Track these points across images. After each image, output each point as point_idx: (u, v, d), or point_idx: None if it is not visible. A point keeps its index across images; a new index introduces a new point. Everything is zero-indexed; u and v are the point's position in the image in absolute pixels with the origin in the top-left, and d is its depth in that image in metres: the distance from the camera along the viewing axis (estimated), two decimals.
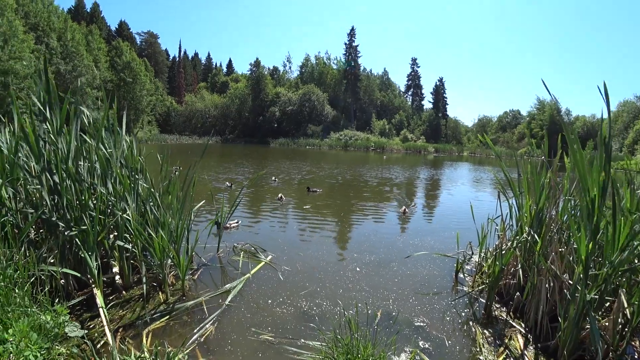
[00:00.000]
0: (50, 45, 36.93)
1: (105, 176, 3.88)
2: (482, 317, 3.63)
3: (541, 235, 3.50)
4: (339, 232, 6.65)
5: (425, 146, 50.41)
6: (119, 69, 46.24)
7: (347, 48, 60.70)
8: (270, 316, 3.45)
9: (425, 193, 13.10)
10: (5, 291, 2.53)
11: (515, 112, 63.24)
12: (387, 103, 63.93)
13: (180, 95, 66.23)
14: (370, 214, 8.26)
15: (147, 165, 4.55)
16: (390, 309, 3.69)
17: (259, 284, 4.17)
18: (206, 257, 4.90)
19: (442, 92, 62.63)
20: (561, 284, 3.14)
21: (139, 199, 4.11)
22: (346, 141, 49.44)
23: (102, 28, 57.15)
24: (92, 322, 3.23)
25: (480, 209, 4.67)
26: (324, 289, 4.11)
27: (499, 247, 3.85)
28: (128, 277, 3.95)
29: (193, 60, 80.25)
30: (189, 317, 3.41)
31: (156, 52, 68.77)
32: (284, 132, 53.95)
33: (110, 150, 4.00)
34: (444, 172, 21.64)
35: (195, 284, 4.19)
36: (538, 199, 3.69)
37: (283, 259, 4.98)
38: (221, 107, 60.31)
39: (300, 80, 62.26)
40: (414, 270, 4.79)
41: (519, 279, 3.71)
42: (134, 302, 3.66)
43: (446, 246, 5.85)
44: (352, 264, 4.96)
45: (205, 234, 5.22)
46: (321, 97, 55.64)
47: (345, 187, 12.67)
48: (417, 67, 66.93)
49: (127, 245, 3.81)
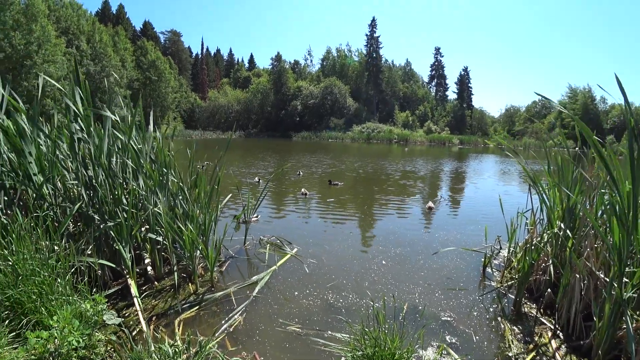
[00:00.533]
0: (80, 47, 38.55)
1: (137, 171, 4.03)
2: (510, 313, 3.55)
3: (574, 230, 3.38)
4: (364, 225, 6.64)
5: (449, 138, 49.29)
6: (144, 68, 47.69)
7: (369, 39, 59.93)
8: (297, 308, 3.51)
9: (450, 186, 12.84)
10: (49, 280, 2.69)
11: (545, 101, 60.72)
12: (410, 94, 62.85)
13: (203, 92, 67.60)
14: (394, 208, 8.19)
15: (175, 161, 4.68)
16: (416, 303, 3.67)
17: (285, 276, 4.24)
18: (233, 250, 5.02)
19: (467, 81, 60.95)
20: (596, 282, 3.02)
21: (168, 193, 4.25)
22: (369, 134, 49.02)
23: (128, 28, 59.00)
24: (127, 310, 3.38)
25: (508, 203, 4.53)
26: (349, 282, 4.14)
27: (529, 241, 3.74)
28: (159, 268, 4.10)
29: (215, 57, 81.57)
30: (218, 308, 3.51)
31: (179, 50, 70.45)
32: (306, 126, 54.11)
33: (139, 147, 4.15)
34: (469, 165, 21.14)
35: (223, 275, 4.31)
36: (570, 192, 3.56)
37: (308, 252, 5.03)
38: (244, 102, 61.13)
39: (321, 73, 62.06)
40: (440, 264, 4.74)
41: (550, 275, 3.60)
42: (165, 292, 3.80)
43: (472, 240, 5.74)
44: (377, 257, 4.95)
45: (232, 227, 5.35)
46: (343, 90, 55.34)
47: (367, 181, 12.60)
48: (441, 57, 65.37)
49: (158, 238, 3.96)
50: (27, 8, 31.33)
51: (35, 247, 2.83)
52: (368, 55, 60.06)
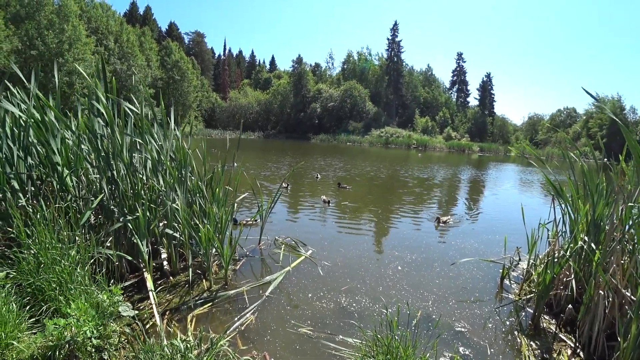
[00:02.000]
0: (108, 46, 39.85)
1: (156, 168, 4.11)
2: (528, 328, 3.43)
3: (600, 244, 3.24)
4: (380, 230, 6.58)
5: (469, 145, 48.34)
6: (168, 68, 48.85)
7: (390, 43, 59.68)
8: (309, 310, 3.49)
9: (469, 194, 12.59)
10: (68, 270, 2.77)
11: (570, 110, 58.92)
12: (431, 100, 62.11)
13: (224, 92, 68.68)
14: (410, 214, 8.09)
15: (194, 159, 4.75)
16: (430, 311, 3.60)
17: (299, 278, 4.24)
18: (248, 249, 5.05)
19: (490, 88, 59.85)
20: (622, 300, 2.89)
21: (187, 190, 4.31)
22: (387, 138, 48.64)
23: (154, 29, 60.68)
24: (141, 303, 3.44)
25: (528, 214, 4.39)
26: (364, 286, 4.10)
27: (550, 254, 3.62)
28: (175, 263, 4.16)
29: (237, 58, 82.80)
30: (231, 306, 3.53)
31: (203, 51, 71.85)
32: (324, 128, 54.22)
33: (160, 144, 4.23)
34: (488, 173, 20.68)
35: (237, 274, 4.33)
36: (596, 204, 3.43)
37: (323, 254, 5.01)
38: (264, 103, 61.82)
39: (342, 76, 62.08)
40: (456, 272, 4.64)
41: (571, 290, 3.46)
42: (179, 287, 3.86)
43: (490, 250, 5.60)
44: (393, 262, 4.89)
45: (247, 226, 5.38)
46: (363, 93, 55.21)
47: (384, 186, 12.51)
48: (463, 62, 64.43)
49: (175, 234, 4.02)
50: (60, 8, 32.69)
51: (57, 237, 2.91)
52: (389, 59, 59.77)
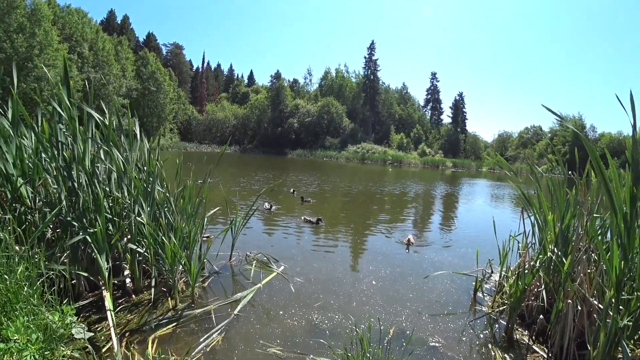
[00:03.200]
0: (82, 54, 38.68)
1: (121, 179, 3.91)
2: (502, 340, 3.42)
3: (568, 255, 3.30)
4: (354, 245, 6.51)
5: (443, 161, 49.65)
6: (144, 78, 47.86)
7: (367, 62, 61.12)
8: (280, 328, 3.34)
9: (443, 208, 12.80)
10: (15, 288, 2.53)
11: (536, 128, 61.89)
12: (406, 117, 63.70)
13: (201, 105, 67.99)
14: (384, 229, 8.08)
15: (165, 172, 4.57)
16: (404, 327, 3.52)
17: (270, 295, 4.08)
18: (218, 265, 4.85)
19: (462, 106, 62.07)
20: (590, 308, 2.92)
21: (154, 203, 4.12)
22: (363, 154, 49.23)
23: (131, 39, 59.73)
24: (99, 324, 3.19)
25: (500, 226, 4.46)
26: (337, 302, 3.99)
27: (521, 265, 3.65)
28: (139, 281, 3.92)
29: (215, 71, 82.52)
30: (197, 325, 3.34)
31: (181, 63, 71.19)
32: (302, 144, 54.34)
33: (126, 155, 4.04)
34: (461, 189, 21.19)
35: (205, 291, 4.13)
36: (563, 216, 3.51)
37: (296, 270, 4.88)
38: (241, 117, 61.46)
39: (319, 92, 62.85)
40: (430, 286, 4.61)
41: (542, 301, 3.49)
42: (142, 306, 3.62)
43: (464, 262, 5.63)
44: (367, 277, 4.81)
45: (218, 242, 5.19)
46: (340, 110, 55.94)
47: (358, 202, 12.53)
48: (437, 82, 66.69)
49: (140, 249, 3.80)
50: (32, 13, 31.56)
51: (4, 252, 2.67)
52: (366, 77, 61.10)
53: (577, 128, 48.28)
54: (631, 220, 2.26)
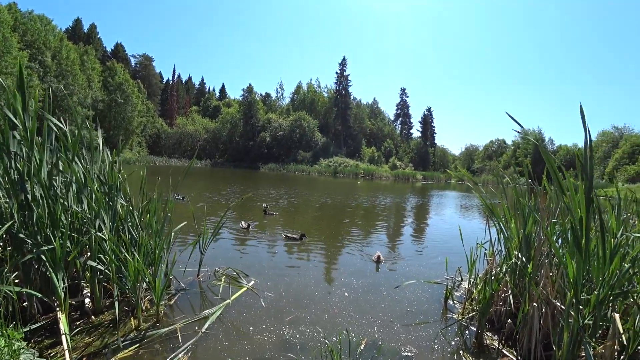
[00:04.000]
0: (45, 63, 36.97)
1: (81, 192, 3.70)
2: (472, 346, 3.46)
3: (531, 260, 3.42)
4: (326, 257, 6.45)
5: (413, 174, 50.88)
6: (111, 90, 46.26)
7: (339, 77, 62.19)
8: (249, 344, 3.23)
9: (413, 219, 13.03)
10: None
11: (500, 141, 64.83)
12: (377, 131, 65.06)
13: (171, 118, 66.49)
14: (356, 241, 8.10)
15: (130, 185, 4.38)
16: (376, 337, 3.49)
17: (239, 311, 3.94)
18: (185, 282, 4.66)
19: (431, 121, 64.18)
20: (554, 310, 3.02)
21: (116, 217, 3.92)
22: (335, 168, 49.59)
23: (98, 48, 57.88)
24: (53, 349, 2.97)
25: (468, 235, 4.60)
26: (309, 315, 3.91)
27: (488, 272, 3.75)
28: (99, 300, 3.69)
29: (186, 84, 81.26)
30: (162, 346, 3.16)
31: (150, 75, 69.58)
32: (274, 157, 54.08)
33: (87, 166, 3.85)
34: (431, 200, 21.72)
35: (172, 309, 3.95)
36: (525, 222, 3.65)
37: (267, 285, 4.76)
38: (212, 130, 60.56)
39: (291, 106, 63.18)
40: (401, 296, 4.63)
41: (510, 305, 3.58)
42: (103, 328, 3.40)
43: (435, 272, 5.72)
44: (339, 289, 4.77)
45: (186, 258, 5.00)
46: (312, 124, 56.35)
47: (330, 215, 12.55)
48: (406, 97, 68.80)
49: (100, 266, 3.59)
50: None
51: None
52: (337, 92, 62.08)
53: (537, 141, 51.50)
54: (587, 224, 2.37)
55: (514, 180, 4.18)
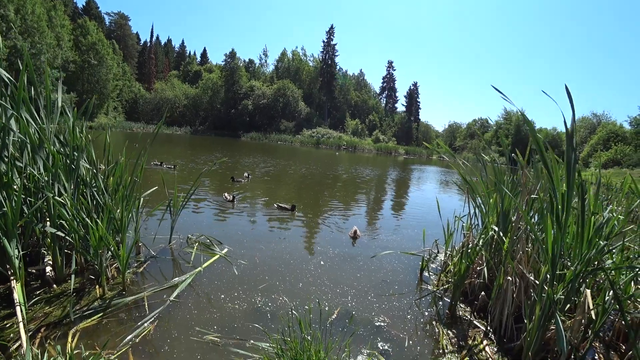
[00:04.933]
0: (7, 17, 34.09)
1: (36, 153, 3.40)
2: (445, 317, 3.48)
3: (508, 234, 3.40)
4: (304, 226, 6.37)
5: (396, 148, 51.08)
6: (83, 50, 43.41)
7: (325, 46, 60.47)
8: (219, 313, 3.13)
9: (394, 192, 13.10)
10: None
11: (483, 120, 65.29)
12: (361, 103, 64.37)
13: (149, 83, 63.56)
14: (335, 210, 8.06)
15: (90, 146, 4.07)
16: (349, 307, 3.46)
17: (211, 279, 3.83)
18: (156, 249, 4.48)
19: (416, 96, 63.80)
20: (527, 284, 3.03)
21: (79, 181, 3.66)
22: (318, 139, 49.15)
23: (68, 4, 53.82)
24: (9, 320, 2.79)
25: (446, 209, 4.60)
26: (283, 283, 3.84)
27: (465, 245, 3.73)
28: (61, 269, 3.49)
29: (165, 47, 77.25)
30: (127, 315, 3.03)
31: (126, 35, 65.55)
32: (256, 126, 53.01)
33: (43, 126, 3.52)
34: (412, 174, 21.91)
35: (142, 277, 3.79)
36: (504, 197, 3.61)
37: (241, 252, 4.65)
38: (192, 97, 58.37)
39: (275, 74, 61.41)
40: (378, 266, 4.61)
41: (484, 278, 3.60)
42: (65, 297, 3.23)
43: (412, 244, 5.73)
44: (315, 258, 4.72)
45: (155, 225, 4.81)
46: (296, 93, 55.11)
47: (310, 185, 12.45)
48: (393, 70, 67.76)
49: (60, 233, 3.36)
50: None
51: None
52: (323, 62, 60.50)
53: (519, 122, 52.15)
54: (569, 199, 2.31)
55: (493, 160, 4.11)
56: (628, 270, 2.92)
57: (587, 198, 3.25)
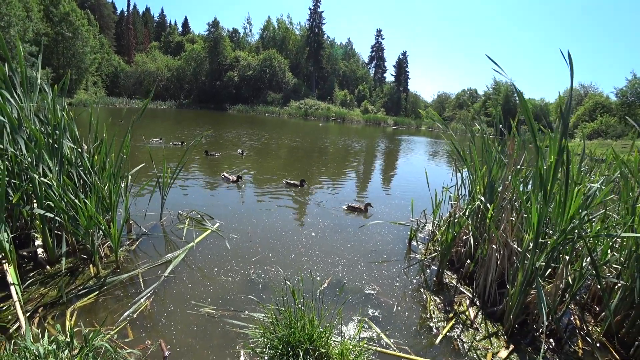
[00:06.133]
0: None
1: (16, 133, 3.31)
2: (433, 284, 3.63)
3: (493, 204, 3.50)
4: (294, 198, 6.43)
5: (385, 119, 50.82)
6: (55, 21, 41.06)
7: (312, 13, 58.46)
8: (213, 286, 3.21)
9: (382, 163, 13.19)
10: None
11: (472, 90, 64.97)
12: (350, 73, 63.29)
13: (129, 55, 61.08)
14: (325, 182, 8.11)
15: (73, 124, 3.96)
16: (340, 277, 3.58)
17: (204, 253, 3.89)
18: (147, 226, 4.50)
19: (405, 66, 62.95)
20: (510, 252, 3.16)
21: (63, 161, 3.59)
22: (306, 110, 48.48)
23: None
24: (4, 302, 2.81)
25: (435, 180, 4.70)
26: (275, 255, 3.94)
27: (452, 215, 3.83)
28: (52, 250, 3.49)
29: (144, 17, 73.68)
30: (123, 292, 3.08)
31: (101, 4, 62.05)
32: (242, 99, 51.84)
33: (22, 105, 3.41)
34: (401, 145, 21.98)
35: (135, 254, 3.82)
36: (491, 168, 3.69)
37: (232, 227, 4.70)
38: (175, 69, 56.41)
39: (261, 44, 59.51)
40: (367, 236, 4.73)
41: (470, 247, 3.73)
42: (59, 278, 3.25)
43: (401, 214, 5.86)
44: (307, 229, 4.81)
45: (145, 202, 4.79)
46: (282, 64, 53.71)
47: (299, 157, 12.42)
48: (382, 39, 66.33)
49: (49, 214, 3.33)
50: None
51: None
52: (310, 30, 58.69)
53: (508, 93, 52.08)
54: (556, 169, 2.37)
55: (481, 131, 4.15)
56: (606, 238, 3.05)
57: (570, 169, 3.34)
